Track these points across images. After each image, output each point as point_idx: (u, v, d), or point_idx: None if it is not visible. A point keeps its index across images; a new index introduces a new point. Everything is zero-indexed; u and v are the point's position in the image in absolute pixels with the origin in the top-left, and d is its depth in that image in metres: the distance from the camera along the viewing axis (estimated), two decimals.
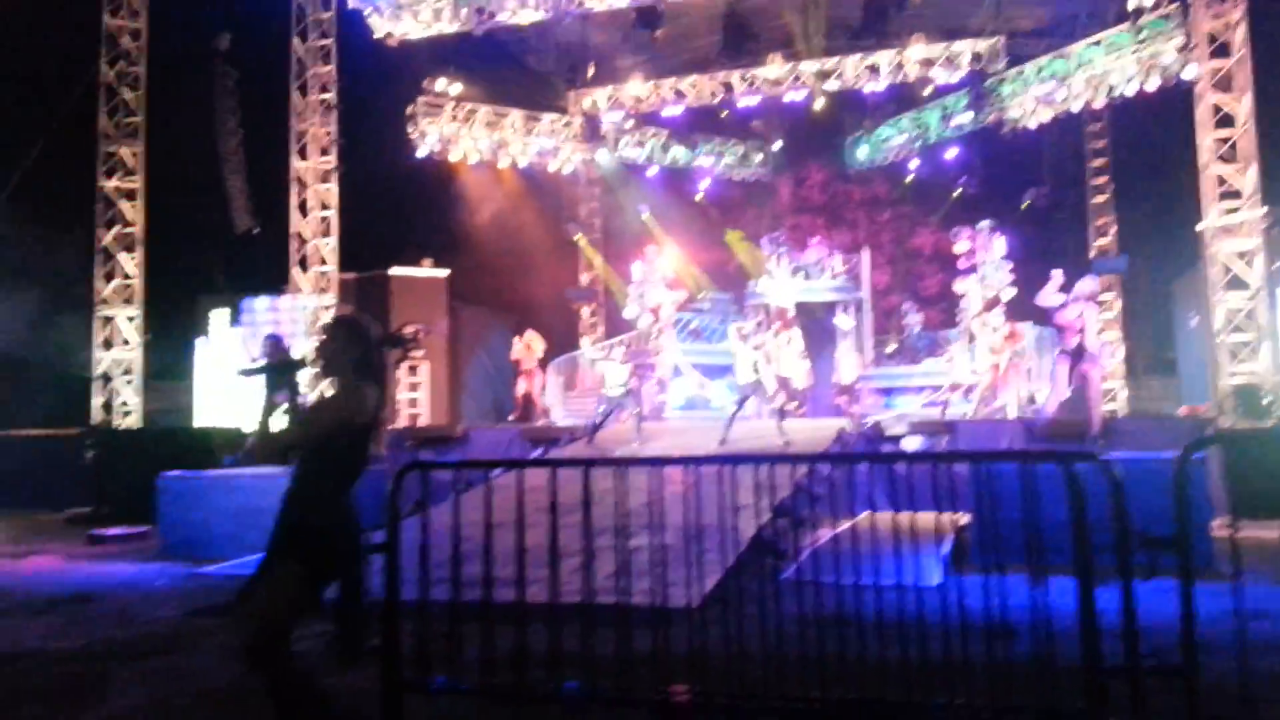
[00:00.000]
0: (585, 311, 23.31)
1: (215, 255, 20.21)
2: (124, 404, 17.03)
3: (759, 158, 24.41)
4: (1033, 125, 18.77)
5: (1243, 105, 14.04)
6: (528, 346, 16.63)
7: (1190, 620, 3.76)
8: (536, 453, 13.61)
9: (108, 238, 17.19)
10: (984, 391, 15.11)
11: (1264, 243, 13.87)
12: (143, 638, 6.15)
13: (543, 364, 17.02)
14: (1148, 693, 3.77)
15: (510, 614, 4.60)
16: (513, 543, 4.68)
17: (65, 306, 17.37)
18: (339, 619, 5.62)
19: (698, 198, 23.99)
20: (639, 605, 4.97)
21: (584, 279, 23.46)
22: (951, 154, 21.36)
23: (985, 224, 18.67)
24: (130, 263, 17.25)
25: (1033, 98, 18.48)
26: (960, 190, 21.47)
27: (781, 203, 24.42)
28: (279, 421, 3.89)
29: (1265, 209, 13.99)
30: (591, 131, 21.61)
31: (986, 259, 18.02)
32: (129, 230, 17.29)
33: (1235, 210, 14.06)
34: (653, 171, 23.19)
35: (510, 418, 16.69)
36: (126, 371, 17.15)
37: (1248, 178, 13.98)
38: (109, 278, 17.21)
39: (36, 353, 16.78)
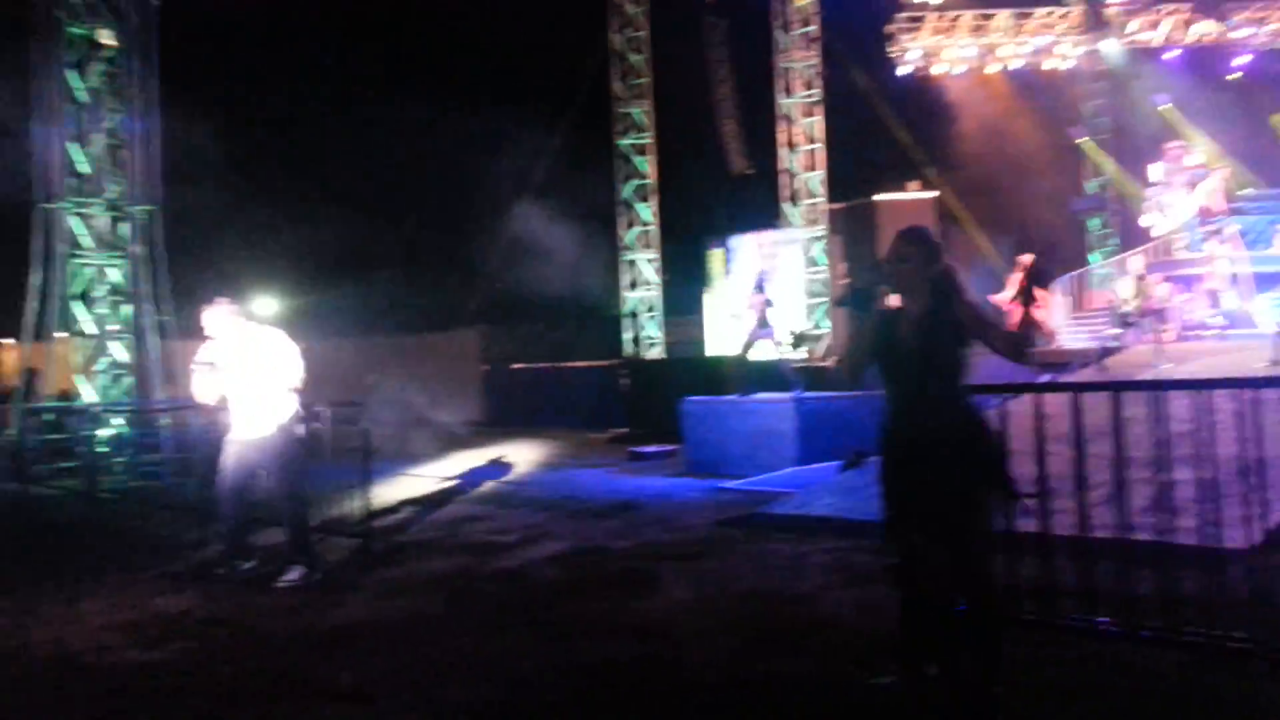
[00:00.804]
0: (1095, 223, 21.23)
1: (716, 198, 21.69)
2: (649, 337, 19.20)
3: None
4: None
5: None
6: (1019, 268, 15.61)
7: None
8: (1045, 378, 12.82)
9: (627, 190, 19.30)
10: None
11: None
12: (681, 542, 6.96)
13: (1038, 286, 15.84)
14: None
15: (1034, 545, 4.45)
16: (1033, 472, 4.49)
17: (595, 254, 19.87)
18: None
19: (1234, 77, 20.45)
20: (1182, 544, 4.52)
21: (1091, 187, 21.33)
22: None
23: None
24: (647, 211, 19.24)
25: None
26: None
27: None
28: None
29: None
30: (1094, 18, 19.37)
31: None
32: (644, 182, 19.24)
33: None
34: (1173, 54, 20.21)
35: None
36: (650, 309, 19.28)
37: None
38: (630, 225, 19.36)
39: (574, 295, 19.43)
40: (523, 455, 13.11)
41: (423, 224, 21.60)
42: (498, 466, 12.14)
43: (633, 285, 19.38)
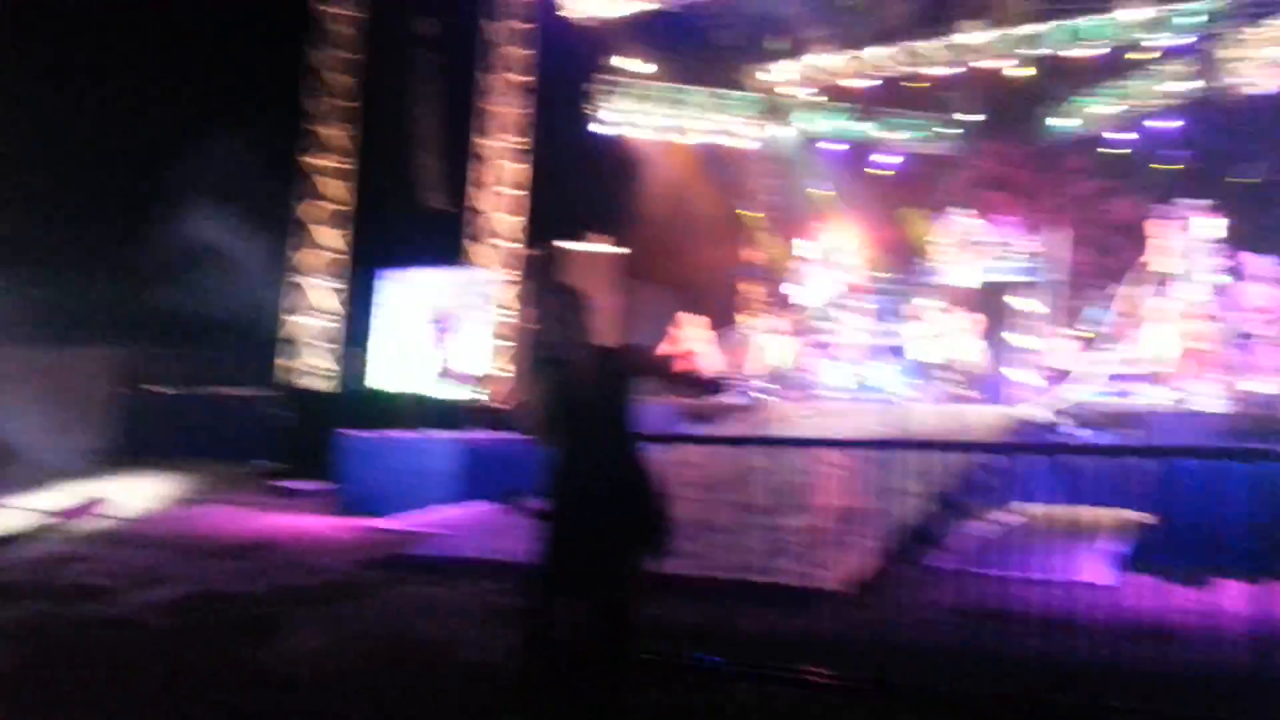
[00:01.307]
0: (754, 290, 23.11)
1: (408, 232, 21.32)
2: (318, 367, 18.41)
3: (950, 130, 23.37)
4: (1260, 92, 17.09)
5: None
6: (687, 326, 16.96)
7: None
8: (693, 428, 13.66)
9: (302, 210, 18.57)
10: (1179, 381, 14.01)
11: None
12: (319, 585, 6.61)
13: (703, 342, 17.22)
14: None
15: (655, 586, 4.64)
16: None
17: (263, 273, 18.75)
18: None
19: (884, 173, 23.26)
20: (785, 586, 4.93)
21: (755, 256, 23.25)
22: (1166, 125, 19.71)
23: (1198, 204, 17.21)
24: (330, 235, 18.53)
25: (1264, 61, 16.80)
26: (1172, 165, 19.82)
27: (972, 177, 23.29)
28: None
29: None
30: (774, 107, 21.31)
31: (1192, 241, 16.61)
32: (330, 206, 18.55)
33: None
34: (838, 146, 22.65)
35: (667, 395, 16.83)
36: (331, 340, 18.51)
37: None
38: (299, 247, 18.57)
39: (232, 317, 18.16)
40: (147, 489, 11.67)
41: (74, 224, 19.43)
42: (112, 501, 10.62)
43: (294, 310, 18.51)
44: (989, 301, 17.43)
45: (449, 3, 19.47)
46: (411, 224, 20.51)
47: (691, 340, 16.94)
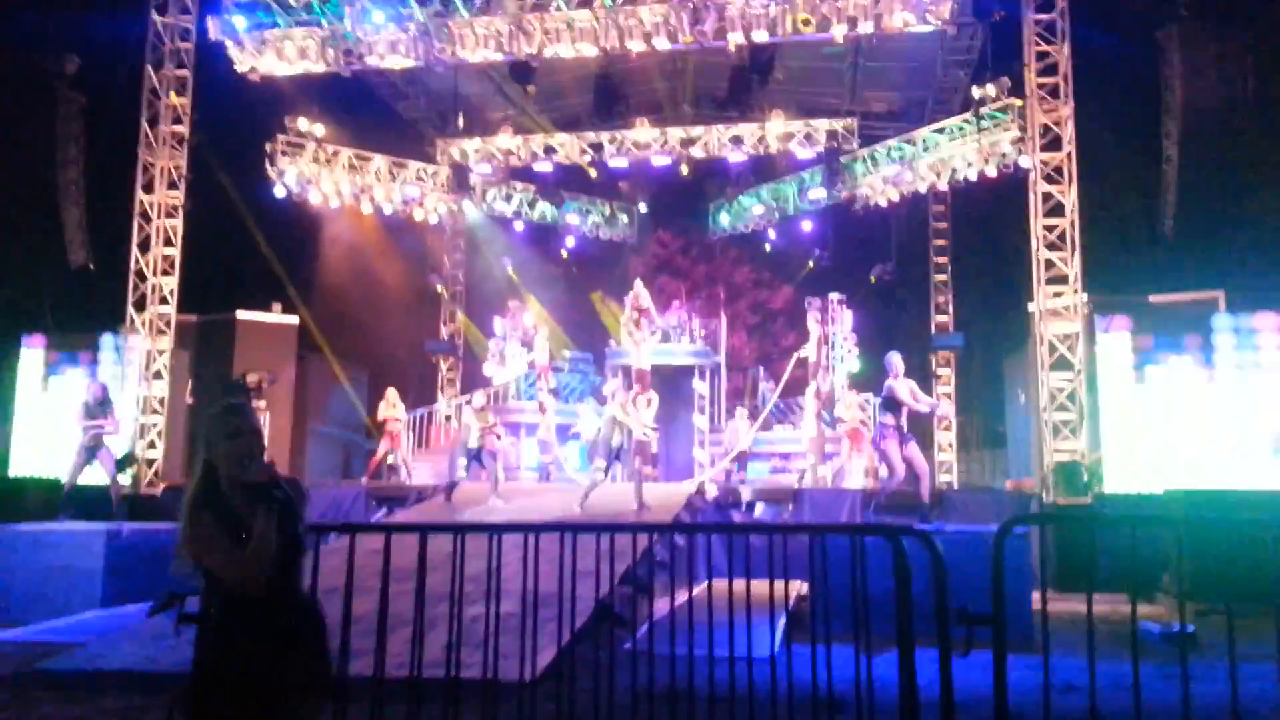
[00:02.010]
0: (443, 366, 22.93)
1: (45, 291, 18.93)
2: None
3: (624, 219, 24.77)
4: (882, 203, 19.71)
5: (1070, 195, 15.14)
6: (392, 405, 16.26)
7: (1003, 698, 3.89)
8: (379, 513, 13.18)
9: None
10: (837, 461, 15.60)
11: (1084, 327, 14.88)
12: None
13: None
14: None
15: (330, 692, 4.35)
16: (339, 612, 4.45)
17: None
18: None
19: (563, 255, 24.09)
20: (469, 679, 4.81)
21: (444, 332, 23.10)
22: (807, 226, 22.20)
23: (834, 296, 19.45)
24: None
25: (882, 177, 19.44)
26: (814, 262, 22.30)
27: (646, 262, 24.81)
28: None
29: (1086, 296, 15.04)
30: (458, 182, 21.41)
31: (835, 330, 18.74)
32: None
33: (1061, 294, 15.07)
34: (519, 226, 23.18)
35: (363, 479, 16.07)
36: None
37: (1073, 264, 15.03)
38: None
39: None
40: None
41: None
42: None
43: None
44: (665, 382, 18.45)
45: (106, 43, 17.83)
46: (58, 285, 18.26)
47: (396, 419, 16.26)
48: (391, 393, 16.45)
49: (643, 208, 24.33)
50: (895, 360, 10.08)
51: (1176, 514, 10.63)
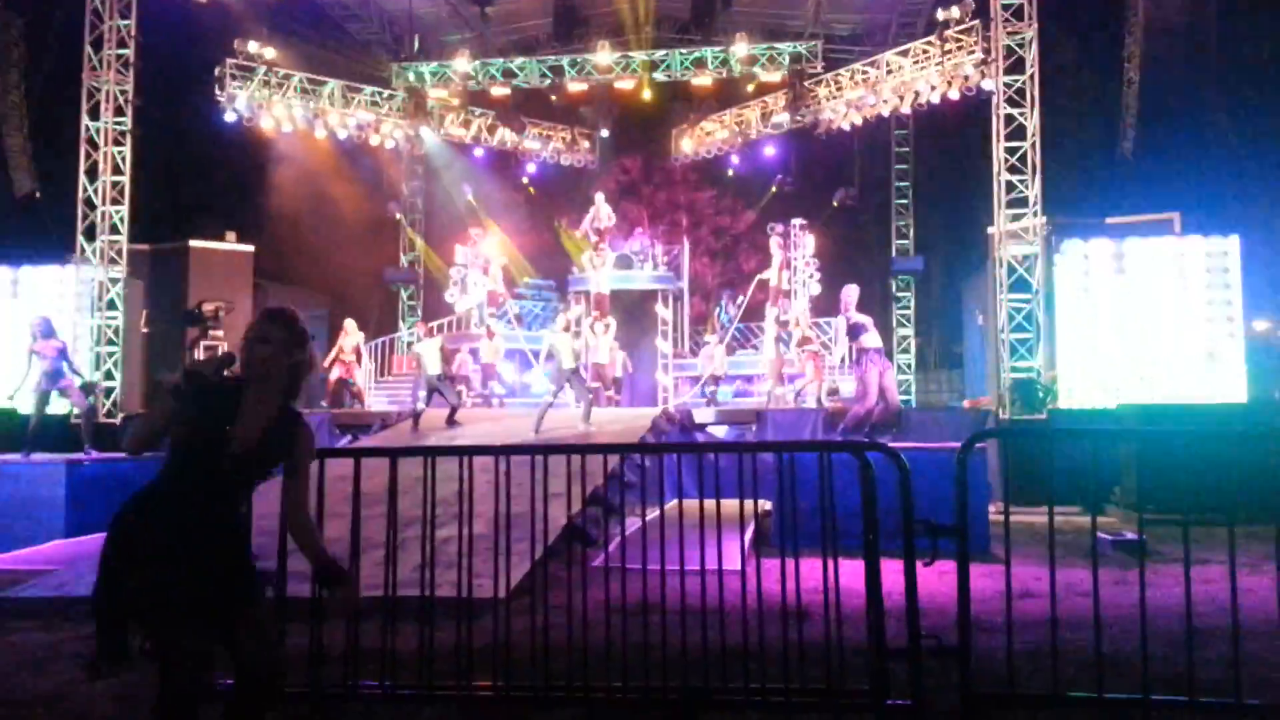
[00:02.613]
0: (404, 294, 22.70)
1: None
2: None
3: (585, 144, 24.42)
4: (846, 127, 19.60)
5: (1032, 119, 15.17)
6: (345, 333, 16.33)
7: (966, 605, 4.02)
8: (344, 440, 13.16)
9: None
10: (800, 382, 15.76)
11: (1043, 249, 15.06)
12: None
13: (357, 351, 16.64)
14: (926, 672, 4.01)
15: (306, 611, 4.40)
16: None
17: None
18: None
19: (524, 181, 23.77)
20: (444, 598, 4.87)
21: (404, 260, 22.81)
22: (770, 151, 22.06)
23: (796, 221, 19.44)
24: None
25: (845, 101, 19.30)
26: (777, 187, 22.21)
27: (608, 187, 24.54)
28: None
29: (1045, 218, 15.19)
30: (416, 107, 20.91)
31: (797, 255, 18.78)
32: None
33: (1020, 217, 15.19)
34: (479, 153, 22.78)
35: (323, 404, 16.05)
36: None
37: (1033, 187, 15.13)
38: None
39: None
40: None
41: None
42: None
43: None
44: (629, 308, 18.45)
45: None
46: (4, 213, 17.71)
47: (351, 349, 16.29)
48: (349, 323, 16.52)
49: (604, 133, 24.00)
50: (847, 294, 10.17)
51: (1131, 427, 10.93)
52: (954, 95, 17.20)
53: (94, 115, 16.39)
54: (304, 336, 3.10)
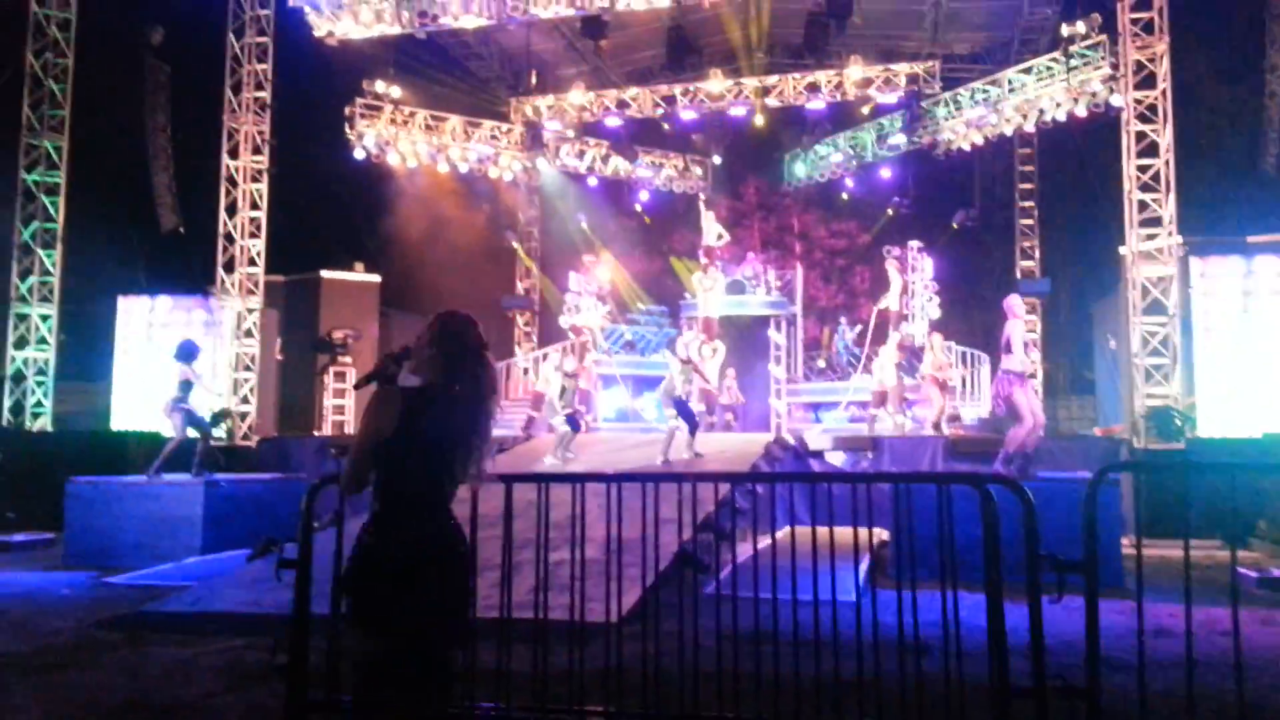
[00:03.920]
0: (520, 320, 23.18)
1: (137, 254, 19.66)
2: (37, 404, 16.45)
3: (698, 171, 24.55)
4: (965, 147, 19.16)
5: (1165, 135, 14.51)
6: None
7: (1095, 644, 3.83)
8: None
9: (28, 232, 16.62)
10: (921, 410, 15.37)
11: (1179, 270, 14.33)
12: (42, 650, 5.91)
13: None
14: (1052, 713, 3.83)
15: None
16: None
17: None
18: None
19: (637, 209, 24.03)
20: (557, 621, 4.92)
21: (520, 287, 23.33)
22: (886, 174, 21.72)
23: (914, 244, 19.04)
24: (49, 260, 16.70)
25: (965, 121, 18.87)
26: (893, 209, 21.83)
27: (721, 215, 24.57)
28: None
29: (1181, 238, 14.47)
30: (532, 139, 21.46)
31: (915, 278, 18.37)
32: (50, 226, 16.73)
33: (1154, 236, 14.52)
34: (592, 181, 23.17)
35: None
36: (40, 372, 16.56)
37: (1167, 206, 14.45)
38: (27, 274, 16.63)
39: None
40: None
41: None
42: None
43: (21, 343, 16.53)
44: (741, 333, 18.36)
45: (189, 12, 18.24)
46: (147, 247, 18.92)
47: None
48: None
49: (717, 160, 24.07)
50: (1014, 302, 9.45)
51: (1277, 459, 10.26)
52: (1081, 112, 16.63)
53: (233, 155, 17.39)
54: (437, 329, 3.10)
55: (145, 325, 16.92)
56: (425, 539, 2.94)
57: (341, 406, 19.34)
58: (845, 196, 23.45)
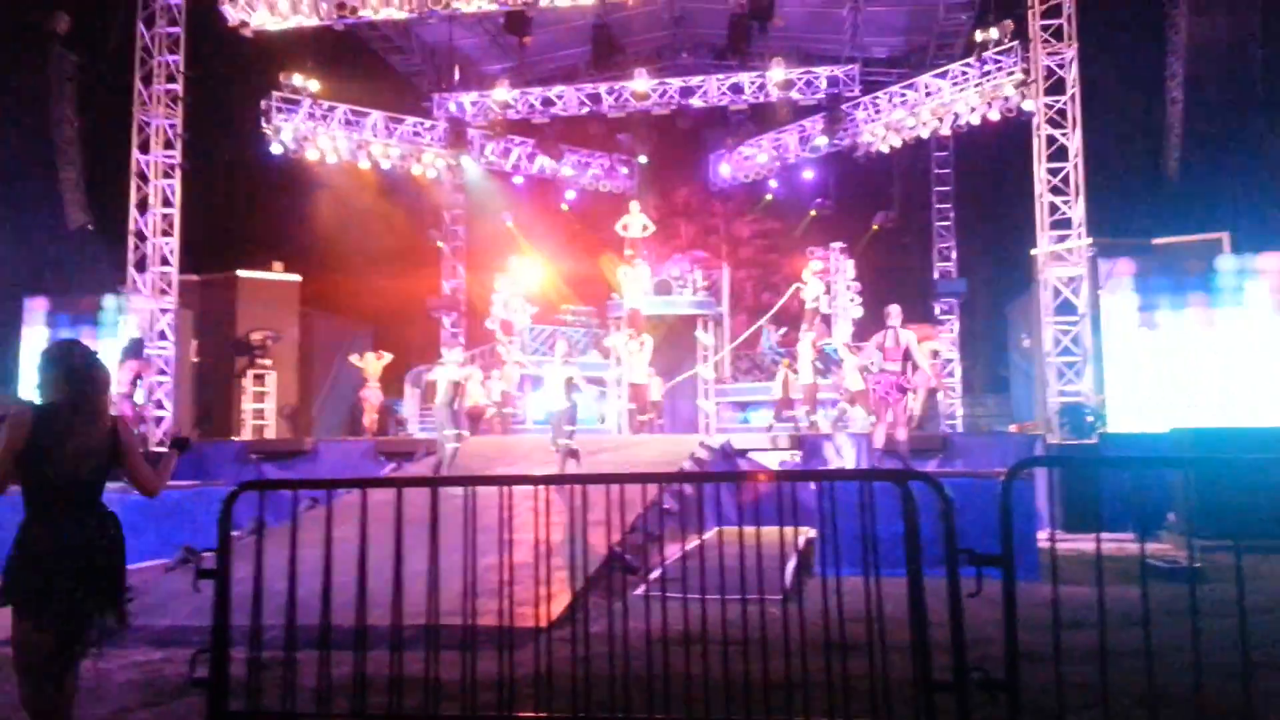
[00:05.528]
0: (446, 322, 22.90)
1: (44, 252, 18.86)
2: None
3: (624, 170, 24.57)
4: (884, 150, 19.55)
5: (1074, 139, 15.01)
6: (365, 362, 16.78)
7: (1013, 636, 3.94)
8: (389, 467, 13.26)
9: None
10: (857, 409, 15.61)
11: (1089, 270, 14.84)
12: None
13: (383, 381, 16.97)
14: (974, 705, 3.93)
15: (350, 639, 4.43)
16: (355, 564, 4.51)
17: None
18: None
19: (563, 208, 23.94)
20: (486, 626, 4.87)
21: (446, 287, 23.05)
22: (809, 175, 22.04)
23: (836, 245, 19.34)
24: None
25: (884, 124, 19.25)
26: (815, 211, 22.16)
27: (646, 214, 24.61)
28: None
29: (1090, 240, 14.98)
30: (455, 136, 21.19)
31: (838, 279, 18.67)
32: None
33: (1065, 238, 15.01)
34: (518, 180, 23.01)
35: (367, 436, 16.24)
36: None
37: (1077, 208, 14.95)
38: None
39: None
40: None
41: None
42: None
43: None
44: (668, 333, 18.40)
45: (97, 1, 17.59)
46: (54, 245, 18.16)
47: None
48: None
49: (643, 159, 24.13)
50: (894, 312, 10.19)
51: (1184, 453, 10.69)
52: (994, 116, 17.11)
53: (144, 149, 16.83)
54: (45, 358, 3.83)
55: (45, 328, 16.24)
56: (72, 531, 3.66)
57: (261, 410, 18.83)
58: (769, 197, 23.72)
